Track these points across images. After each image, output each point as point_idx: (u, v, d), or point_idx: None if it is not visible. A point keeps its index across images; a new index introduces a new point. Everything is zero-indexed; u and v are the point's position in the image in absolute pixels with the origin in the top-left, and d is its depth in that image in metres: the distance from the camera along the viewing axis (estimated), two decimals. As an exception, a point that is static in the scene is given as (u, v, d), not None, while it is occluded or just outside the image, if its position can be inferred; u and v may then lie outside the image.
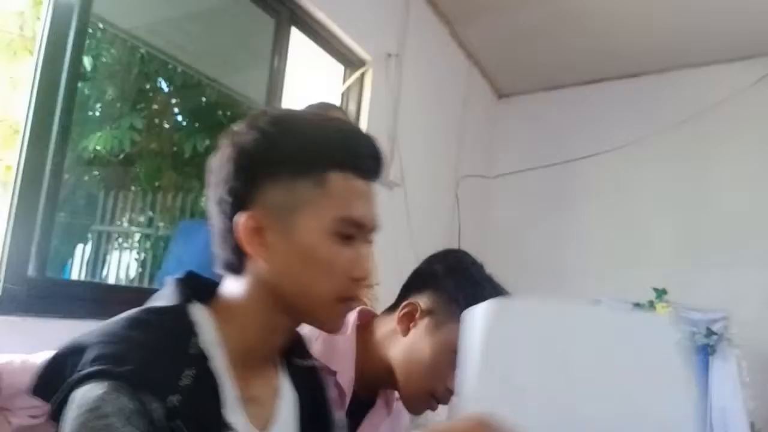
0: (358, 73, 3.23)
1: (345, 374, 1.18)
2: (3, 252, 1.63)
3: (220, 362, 0.80)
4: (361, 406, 1.24)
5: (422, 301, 1.19)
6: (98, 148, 3.70)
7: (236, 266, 0.85)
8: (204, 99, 4.63)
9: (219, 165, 0.85)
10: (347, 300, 0.86)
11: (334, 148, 0.84)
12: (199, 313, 0.83)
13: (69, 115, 1.78)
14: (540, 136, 4.58)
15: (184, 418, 0.71)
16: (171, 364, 0.74)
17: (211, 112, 4.64)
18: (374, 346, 1.23)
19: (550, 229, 4.47)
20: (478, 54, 4.30)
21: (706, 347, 3.45)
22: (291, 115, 0.88)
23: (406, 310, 1.20)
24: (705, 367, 3.47)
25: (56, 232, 1.79)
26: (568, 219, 4.44)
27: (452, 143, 4.19)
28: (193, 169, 4.21)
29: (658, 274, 3.81)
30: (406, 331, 1.20)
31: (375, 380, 1.23)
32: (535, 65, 4.42)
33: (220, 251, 0.86)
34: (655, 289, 3.58)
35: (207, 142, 4.07)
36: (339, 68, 3.27)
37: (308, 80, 3.23)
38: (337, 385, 1.17)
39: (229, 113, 4.59)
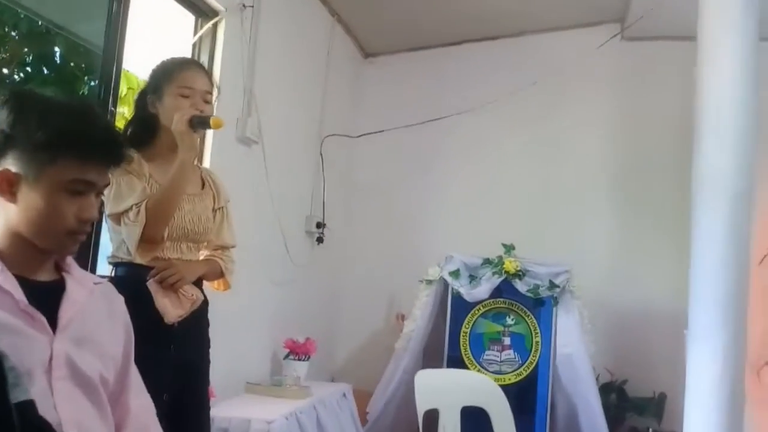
0: (210, 24, 3.12)
1: None
2: None
3: None
4: (56, 291, 1.27)
5: (8, 164, 1.19)
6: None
7: None
8: (57, 49, 4.32)
9: None
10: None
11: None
12: None
13: None
14: (404, 96, 4.64)
15: None
16: None
17: (64, 63, 4.34)
18: (2, 230, 1.25)
19: (412, 188, 4.59)
20: (342, 12, 4.26)
21: (550, 299, 3.69)
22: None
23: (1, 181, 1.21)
24: (550, 317, 3.71)
25: None
26: (428, 177, 4.56)
27: (315, 101, 4.15)
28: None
29: (508, 230, 4.01)
30: (13, 199, 1.21)
31: (30, 258, 1.25)
32: (400, 26, 4.45)
33: None
34: (504, 245, 3.77)
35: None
36: (190, 18, 3.14)
37: (157, 31, 3.08)
38: None
39: (83, 65, 4.31)
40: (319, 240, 4.19)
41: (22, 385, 1.09)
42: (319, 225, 4.16)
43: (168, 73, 1.99)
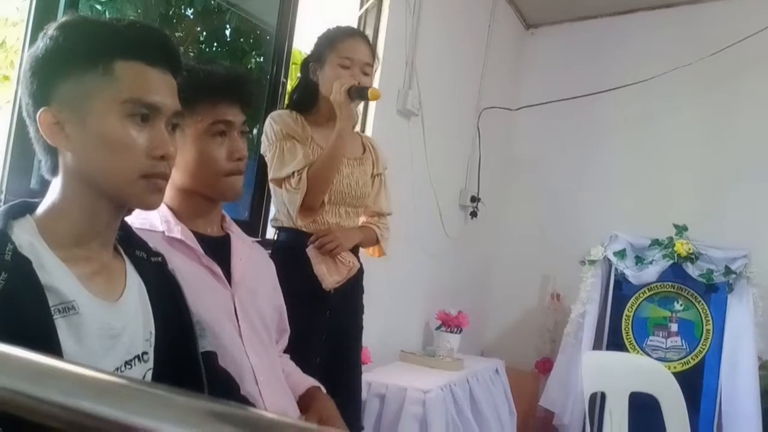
0: (375, -4, 3.15)
1: (172, 229, 1.29)
2: (5, 164, 1.65)
3: (47, 256, 0.86)
4: (224, 245, 1.38)
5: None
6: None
7: (52, 165, 0.93)
8: (228, 26, 4.57)
9: (21, 80, 0.93)
10: (151, 177, 0.93)
11: (118, 39, 0.92)
12: (22, 225, 0.89)
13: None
14: (567, 68, 4.43)
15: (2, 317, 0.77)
16: None
17: (234, 39, 4.58)
18: (170, 189, 1.32)
19: (572, 163, 4.39)
20: (505, -19, 4.14)
21: (724, 285, 3.41)
22: (78, 17, 0.96)
23: None
24: (722, 305, 3.43)
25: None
26: (590, 152, 4.34)
27: (475, 73, 4.08)
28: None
29: (680, 209, 3.74)
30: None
31: (199, 210, 1.35)
32: (564, -6, 4.25)
33: (39, 156, 0.94)
34: (676, 225, 3.52)
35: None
36: (356, -10, 3.18)
37: (324, 4, 3.15)
38: (175, 240, 1.28)
39: (251, 40, 4.53)
40: (473, 214, 4.15)
41: (206, 337, 1.17)
42: (474, 199, 4.12)
43: (331, 42, 1.99)
